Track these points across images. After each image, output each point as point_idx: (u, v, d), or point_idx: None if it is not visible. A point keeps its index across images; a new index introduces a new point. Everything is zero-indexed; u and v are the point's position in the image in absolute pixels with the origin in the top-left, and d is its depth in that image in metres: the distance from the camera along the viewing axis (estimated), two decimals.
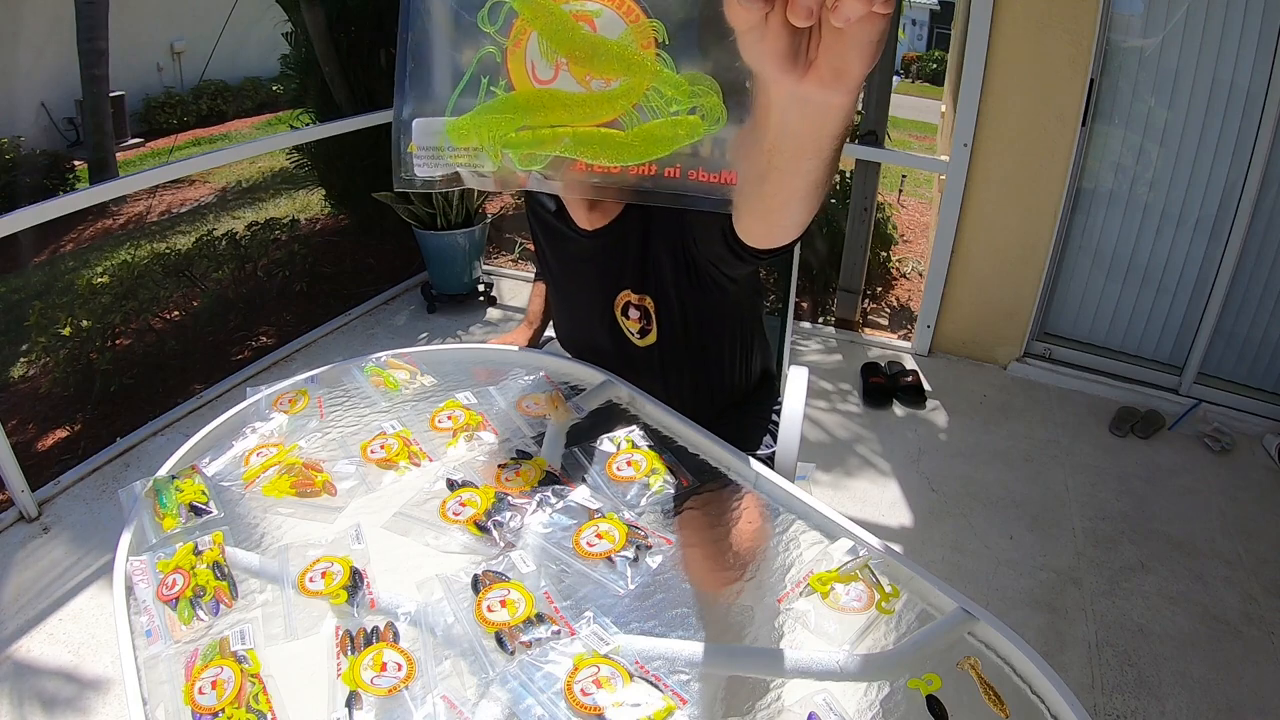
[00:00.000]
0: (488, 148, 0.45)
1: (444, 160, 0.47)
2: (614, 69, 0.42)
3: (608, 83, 0.43)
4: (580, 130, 0.43)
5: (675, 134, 0.43)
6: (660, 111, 0.43)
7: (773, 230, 0.72)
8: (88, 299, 3.06)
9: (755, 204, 0.67)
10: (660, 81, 0.42)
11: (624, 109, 0.43)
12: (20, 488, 2.01)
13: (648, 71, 0.42)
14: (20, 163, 5.36)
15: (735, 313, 1.21)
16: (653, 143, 0.43)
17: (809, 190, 0.58)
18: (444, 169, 0.47)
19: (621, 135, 0.43)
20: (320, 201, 4.52)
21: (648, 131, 0.43)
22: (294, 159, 4.47)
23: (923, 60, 13.16)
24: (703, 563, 0.87)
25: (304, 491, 0.93)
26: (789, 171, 0.55)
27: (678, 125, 0.43)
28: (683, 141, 0.43)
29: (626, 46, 0.42)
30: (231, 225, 3.98)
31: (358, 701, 0.67)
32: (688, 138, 0.43)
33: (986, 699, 0.69)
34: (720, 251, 0.89)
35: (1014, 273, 2.66)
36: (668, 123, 0.43)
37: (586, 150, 0.44)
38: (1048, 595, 1.84)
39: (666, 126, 0.43)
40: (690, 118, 0.42)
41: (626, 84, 0.42)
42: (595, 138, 0.43)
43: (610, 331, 1.20)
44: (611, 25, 0.43)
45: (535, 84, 0.44)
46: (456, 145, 0.46)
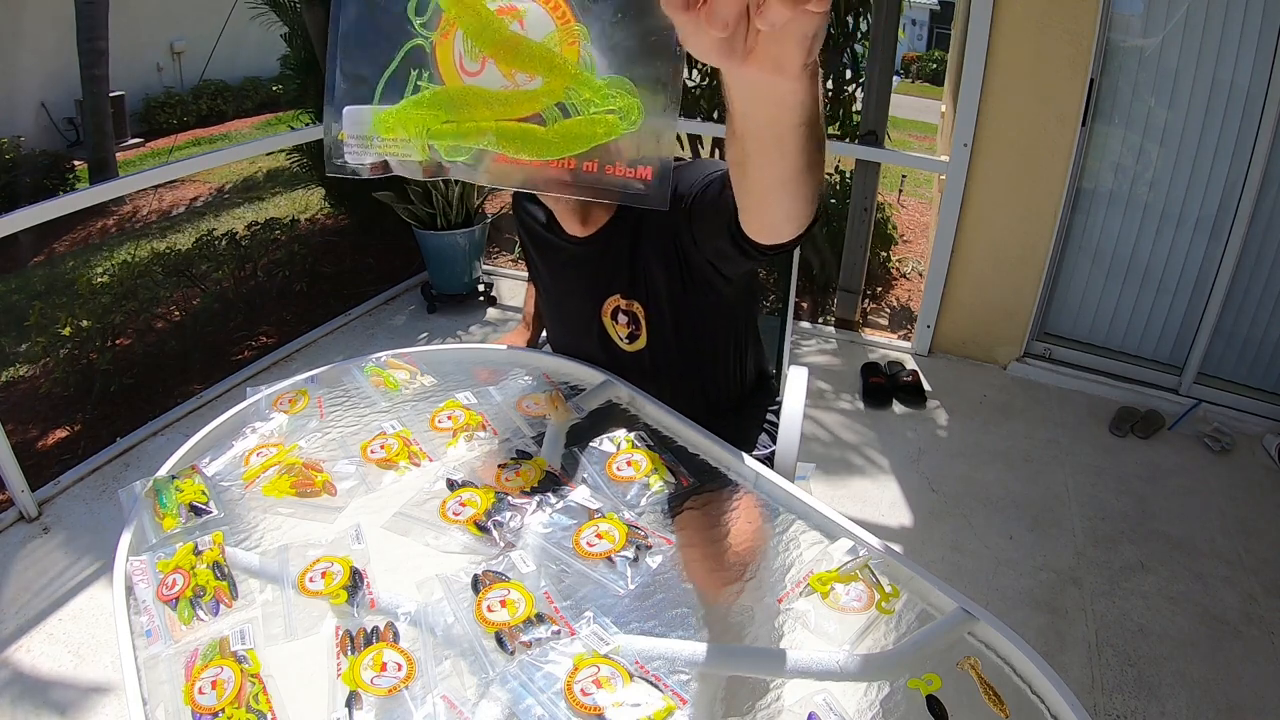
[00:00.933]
0: (414, 140, 0.47)
1: (372, 149, 0.49)
2: (535, 68, 0.44)
3: (530, 78, 0.45)
4: (502, 125, 0.45)
5: (593, 132, 0.45)
6: (581, 109, 0.45)
7: (770, 222, 0.73)
8: (88, 299, 3.06)
9: (744, 194, 0.70)
10: (579, 84, 0.44)
11: (544, 106, 0.45)
12: (20, 488, 2.01)
13: (568, 74, 0.44)
14: (20, 163, 5.36)
15: (728, 314, 1.21)
16: (571, 140, 0.45)
17: (791, 178, 0.59)
18: (373, 157, 0.49)
19: (542, 131, 0.45)
20: (320, 201, 4.52)
21: (567, 129, 0.45)
22: (294, 159, 4.46)
23: (923, 60, 13.16)
24: (702, 563, 0.87)
25: (304, 491, 0.93)
26: (763, 159, 0.57)
27: (595, 123, 0.44)
28: (600, 139, 0.45)
29: (548, 48, 0.44)
30: (231, 225, 3.98)
31: (358, 701, 0.67)
32: (605, 136, 0.45)
33: (986, 699, 0.69)
34: (724, 248, 0.89)
35: (1014, 273, 2.66)
36: (586, 120, 0.44)
37: (508, 145, 0.46)
38: (1048, 595, 1.84)
39: (585, 124, 0.45)
40: (609, 116, 0.44)
41: (547, 84, 0.44)
42: (516, 133, 0.45)
43: (599, 338, 1.20)
44: (540, 22, 0.44)
45: (462, 76, 0.46)
46: (384, 136, 0.48)
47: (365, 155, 0.49)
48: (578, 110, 0.45)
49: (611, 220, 1.12)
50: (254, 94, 7.78)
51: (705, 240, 0.99)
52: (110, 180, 2.86)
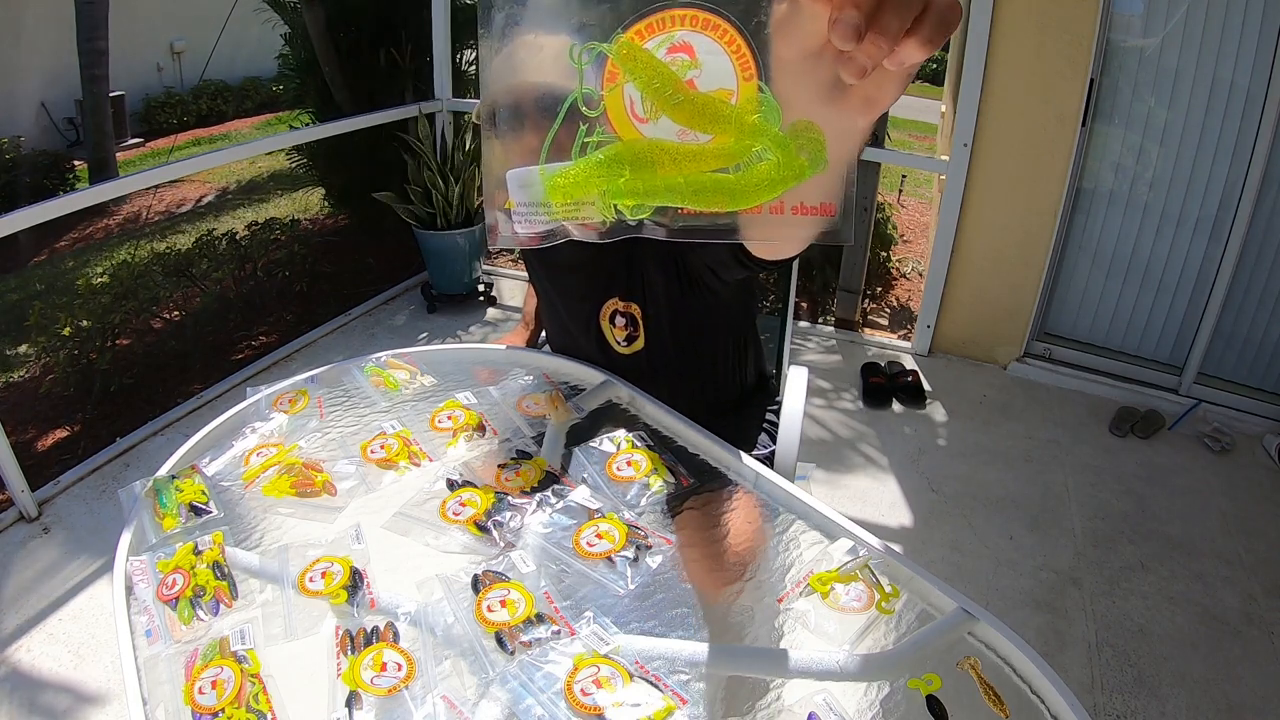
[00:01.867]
0: (595, 203, 0.43)
1: (544, 215, 0.44)
2: (720, 130, 0.42)
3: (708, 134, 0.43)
4: (693, 178, 0.42)
5: (784, 176, 0.43)
6: (767, 153, 0.42)
7: (779, 246, 0.73)
8: (88, 299, 3.06)
9: (764, 224, 0.69)
10: (766, 139, 0.42)
11: (733, 162, 0.43)
12: (20, 488, 2.01)
13: (756, 132, 0.42)
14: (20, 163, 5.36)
15: (727, 315, 1.21)
16: (762, 187, 0.43)
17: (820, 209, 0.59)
18: (545, 224, 0.45)
19: (731, 180, 0.43)
20: (320, 201, 4.52)
21: (757, 176, 0.43)
22: (294, 159, 4.46)
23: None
24: (702, 563, 0.87)
25: (304, 491, 0.93)
26: (803, 192, 0.56)
27: (785, 168, 0.42)
28: (789, 184, 0.43)
29: (729, 106, 0.42)
30: (231, 225, 3.98)
31: (358, 701, 0.67)
32: (795, 181, 0.43)
33: (986, 699, 0.69)
34: (724, 258, 0.89)
35: (1014, 273, 2.66)
36: (775, 165, 0.42)
37: (698, 199, 0.43)
38: (1048, 595, 1.84)
39: (775, 169, 0.43)
40: (799, 159, 0.42)
41: (735, 142, 0.42)
42: (707, 185, 0.42)
43: (596, 340, 1.20)
44: (719, 73, 0.41)
45: (634, 122, 0.43)
46: (559, 202, 0.44)
47: (539, 223, 0.44)
48: (762, 158, 0.43)
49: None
50: (254, 94, 7.78)
51: (705, 250, 1.00)
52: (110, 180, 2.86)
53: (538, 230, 0.45)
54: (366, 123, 3.01)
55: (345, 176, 3.90)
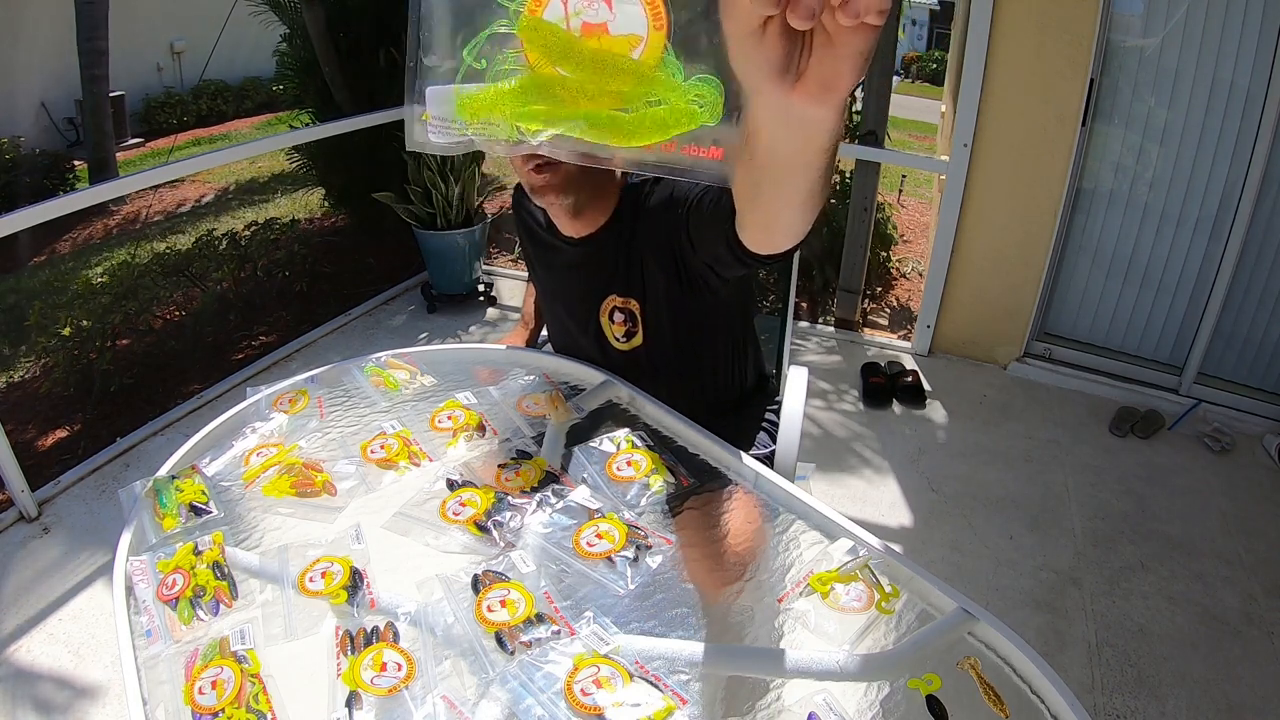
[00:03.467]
0: (501, 123, 0.49)
1: (455, 129, 0.50)
2: (619, 80, 0.46)
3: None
4: (590, 112, 0.47)
5: (676, 122, 0.47)
6: (665, 99, 0.47)
7: (773, 237, 0.73)
8: (88, 299, 3.06)
9: (753, 214, 0.70)
10: (664, 89, 0.46)
11: (629, 104, 0.47)
12: (20, 488, 2.01)
13: (654, 81, 0.46)
14: (20, 163, 5.36)
15: (726, 314, 1.21)
16: (655, 128, 0.47)
17: (804, 200, 0.59)
18: (456, 137, 0.50)
19: (627, 119, 0.47)
20: (320, 201, 4.52)
21: (650, 117, 0.47)
22: (294, 159, 4.46)
23: (923, 60, 13.16)
24: (703, 563, 0.87)
25: (304, 491, 0.93)
26: (782, 185, 0.56)
27: (679, 114, 0.47)
28: (682, 129, 0.47)
29: (630, 61, 0.46)
30: (231, 225, 3.98)
31: (358, 701, 0.67)
32: (687, 126, 0.47)
33: (986, 699, 0.69)
34: (721, 254, 0.89)
35: (1014, 273, 2.66)
36: (669, 111, 0.47)
37: (595, 132, 0.48)
38: (1048, 595, 1.84)
39: (668, 114, 0.47)
40: (693, 109, 0.47)
41: (631, 89, 0.47)
42: (604, 120, 0.47)
43: (595, 337, 1.21)
44: (631, 23, 0.45)
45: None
46: (467, 119, 0.49)
47: (450, 135, 0.50)
48: (658, 103, 0.47)
49: (608, 222, 1.13)
50: (254, 94, 7.78)
51: (702, 246, 1.00)
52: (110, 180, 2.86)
53: (449, 140, 0.50)
54: (366, 123, 3.01)
55: (345, 176, 3.90)
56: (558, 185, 1.04)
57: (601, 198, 1.12)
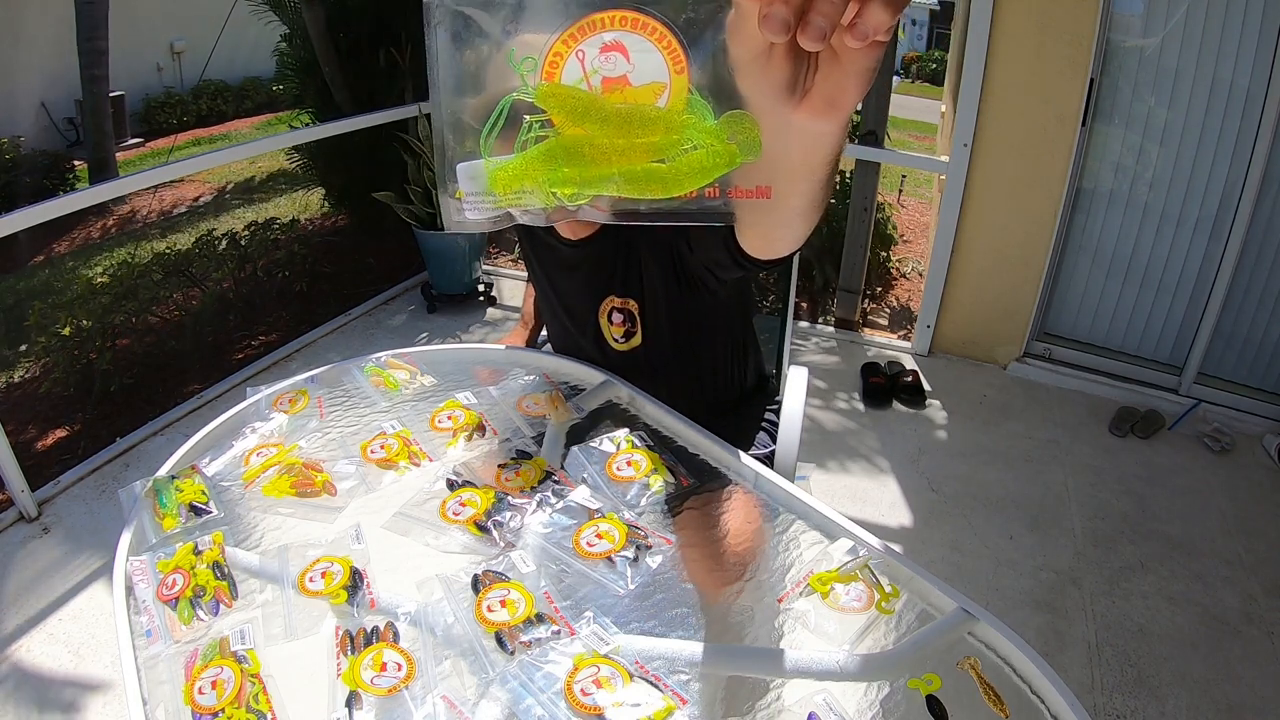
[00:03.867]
0: (536, 192, 0.47)
1: (492, 203, 0.48)
2: (649, 130, 0.45)
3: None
4: (625, 168, 0.46)
5: (715, 164, 0.45)
6: (697, 142, 0.45)
7: (774, 244, 0.74)
8: (88, 299, 3.06)
9: (754, 224, 0.70)
10: (696, 131, 0.45)
11: (662, 156, 0.45)
12: (20, 488, 2.01)
13: (685, 126, 0.45)
14: (20, 163, 5.35)
15: (725, 314, 1.22)
16: (694, 174, 0.45)
17: (806, 209, 0.60)
18: (493, 211, 0.49)
19: (664, 169, 0.46)
20: (320, 201, 4.52)
21: (689, 164, 0.45)
22: (294, 159, 4.46)
23: (923, 60, 13.16)
24: (702, 563, 0.87)
25: (304, 491, 0.93)
26: (784, 195, 0.57)
27: (717, 155, 0.45)
28: (721, 170, 0.46)
29: (656, 110, 0.44)
30: (231, 225, 3.98)
31: (358, 701, 0.67)
32: (726, 167, 0.45)
33: (986, 699, 0.69)
34: (720, 258, 0.89)
35: (1014, 273, 2.66)
36: (707, 154, 0.45)
37: (633, 188, 0.46)
38: (1048, 595, 1.84)
39: (707, 157, 0.45)
40: (729, 146, 0.45)
41: (663, 138, 0.45)
42: (640, 175, 0.46)
43: (594, 337, 1.21)
44: (651, 71, 0.44)
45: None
46: (500, 191, 0.47)
47: (486, 210, 0.48)
48: (693, 148, 0.45)
49: (606, 224, 1.13)
50: (254, 94, 7.77)
51: (701, 250, 1.00)
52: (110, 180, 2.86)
53: (486, 216, 0.49)
54: (366, 123, 3.01)
55: (345, 176, 3.90)
56: None
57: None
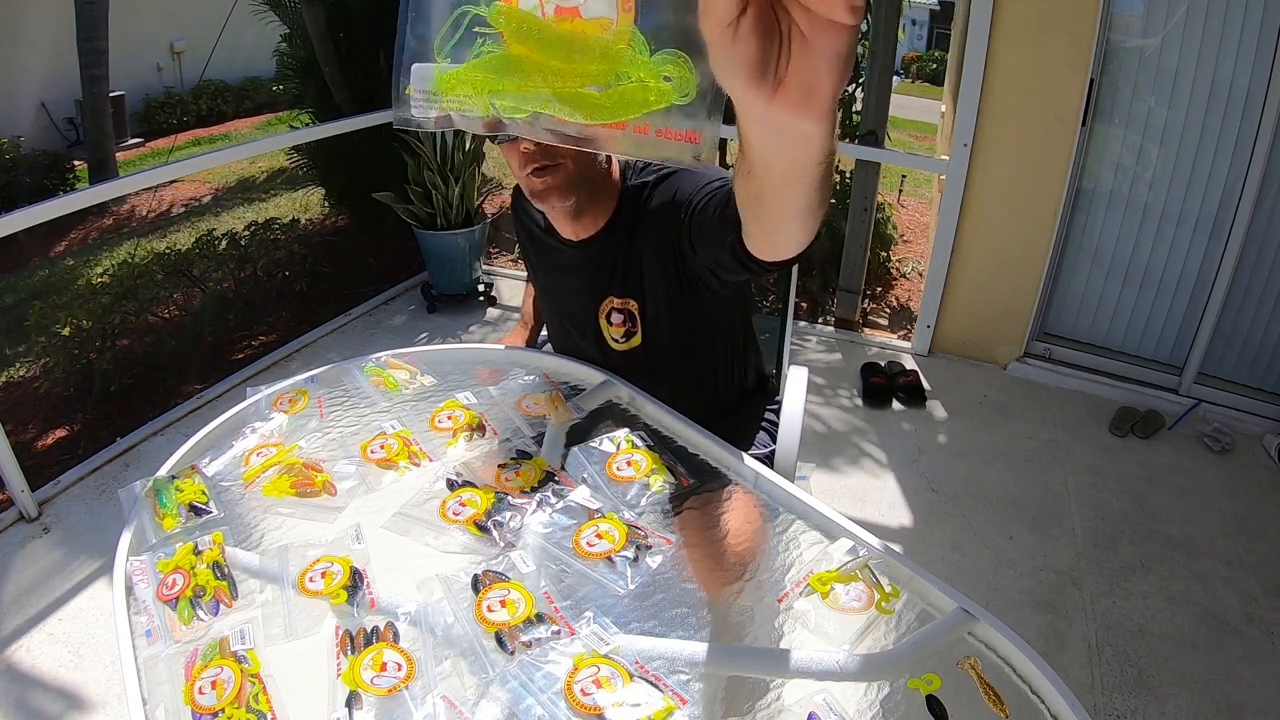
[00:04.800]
0: (476, 98, 0.51)
1: (436, 104, 0.52)
2: (588, 59, 0.48)
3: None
4: (559, 89, 0.48)
5: (645, 99, 0.47)
6: (634, 77, 0.47)
7: (776, 246, 0.74)
8: (88, 299, 3.06)
9: (755, 224, 0.71)
10: (631, 66, 0.47)
11: (597, 83, 0.48)
12: (20, 488, 2.01)
13: (620, 59, 0.47)
14: (20, 163, 5.36)
15: (725, 314, 1.22)
16: (625, 105, 0.48)
17: (803, 212, 0.60)
18: (436, 111, 0.52)
19: (597, 96, 0.48)
20: (320, 201, 4.52)
21: (621, 94, 0.48)
22: (294, 159, 4.46)
23: (923, 60, 13.16)
24: (703, 563, 0.87)
25: (304, 491, 0.93)
26: (778, 197, 0.57)
27: (648, 90, 0.47)
28: (652, 106, 0.47)
29: (599, 39, 0.47)
30: (231, 225, 3.98)
31: (358, 701, 0.67)
32: (657, 103, 0.47)
33: (986, 699, 0.69)
34: (725, 260, 0.90)
35: (1014, 273, 2.66)
36: (639, 87, 0.47)
37: (564, 108, 0.49)
38: (1048, 595, 1.84)
39: (639, 91, 0.47)
40: (663, 84, 0.47)
41: (600, 65, 0.48)
42: (573, 97, 0.48)
43: (594, 339, 1.21)
44: (599, 5, 0.47)
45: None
46: (447, 94, 0.51)
47: (429, 109, 0.52)
48: (626, 81, 0.48)
49: (607, 224, 1.13)
50: (254, 94, 7.78)
51: (704, 251, 1.00)
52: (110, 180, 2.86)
53: (428, 115, 0.53)
54: (366, 123, 3.01)
55: (345, 176, 3.90)
56: (558, 188, 1.04)
57: (600, 200, 1.12)
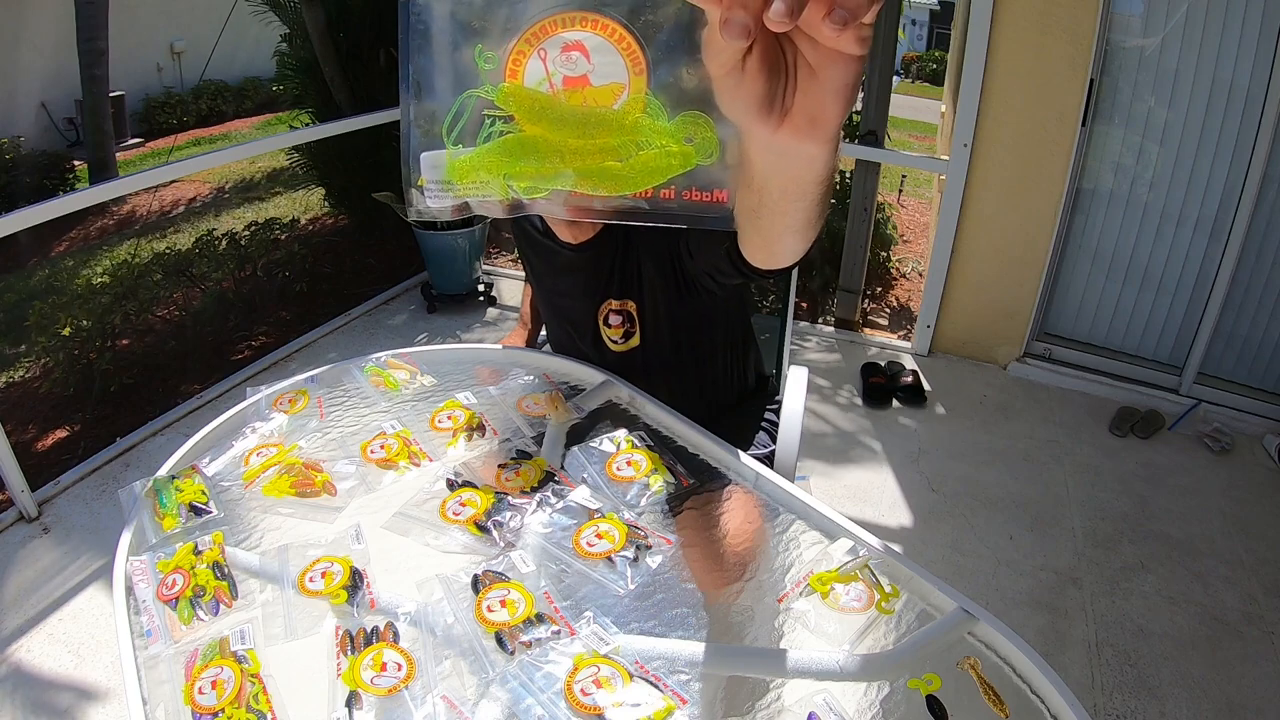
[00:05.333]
0: (492, 182, 0.49)
1: (450, 193, 0.50)
2: (605, 132, 0.46)
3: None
4: (579, 166, 0.47)
5: (669, 164, 0.46)
6: (654, 144, 0.46)
7: (774, 257, 0.74)
8: (88, 299, 3.06)
9: (754, 235, 0.71)
10: (653, 133, 0.46)
11: (617, 156, 0.47)
12: (20, 488, 2.01)
13: (638, 127, 0.46)
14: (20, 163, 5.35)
15: (724, 315, 1.22)
16: (648, 173, 0.46)
17: (802, 226, 0.60)
18: (452, 200, 0.50)
19: (619, 167, 0.47)
20: (320, 201, 4.52)
21: (643, 163, 0.46)
22: (294, 159, 4.46)
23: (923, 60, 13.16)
24: (702, 563, 0.87)
25: (304, 491, 0.93)
26: (779, 212, 0.57)
27: (671, 156, 0.46)
28: (676, 171, 0.46)
29: (612, 111, 0.45)
30: (231, 225, 3.98)
31: (358, 701, 0.67)
32: (681, 168, 0.46)
33: (986, 699, 0.69)
34: (723, 266, 0.90)
35: (1014, 273, 2.66)
36: (662, 154, 0.46)
37: (586, 183, 0.47)
38: (1048, 595, 1.84)
39: (661, 157, 0.46)
40: (685, 148, 0.46)
41: (616, 138, 0.46)
42: (594, 171, 0.47)
43: (593, 341, 1.21)
44: (610, 71, 0.45)
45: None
46: (461, 182, 0.49)
47: (445, 199, 0.50)
48: (652, 145, 0.46)
49: (605, 227, 1.13)
50: (254, 94, 7.77)
51: (702, 256, 1.00)
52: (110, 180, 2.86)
53: (445, 205, 0.51)
54: (366, 123, 3.01)
55: (345, 176, 3.90)
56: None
57: None
